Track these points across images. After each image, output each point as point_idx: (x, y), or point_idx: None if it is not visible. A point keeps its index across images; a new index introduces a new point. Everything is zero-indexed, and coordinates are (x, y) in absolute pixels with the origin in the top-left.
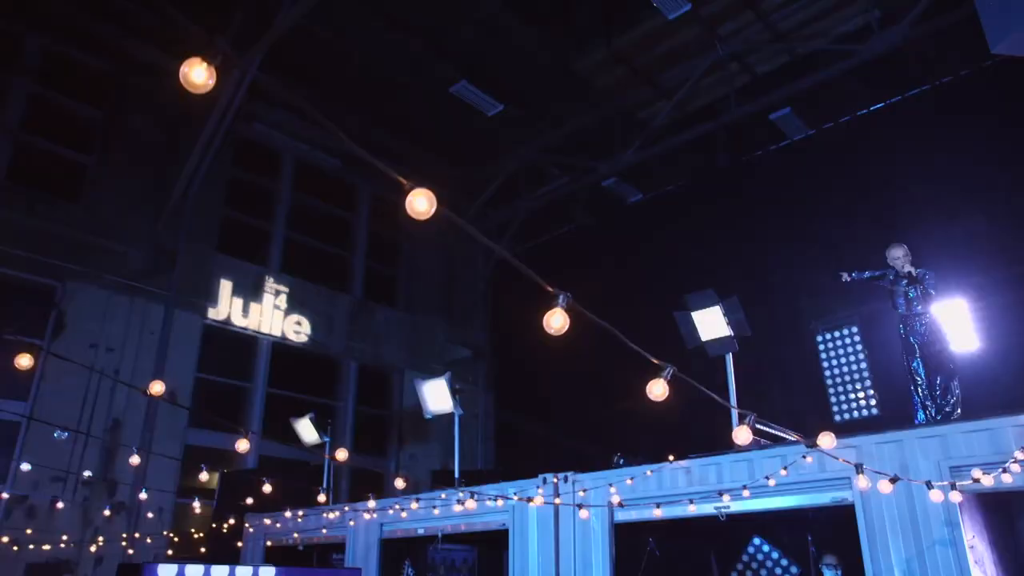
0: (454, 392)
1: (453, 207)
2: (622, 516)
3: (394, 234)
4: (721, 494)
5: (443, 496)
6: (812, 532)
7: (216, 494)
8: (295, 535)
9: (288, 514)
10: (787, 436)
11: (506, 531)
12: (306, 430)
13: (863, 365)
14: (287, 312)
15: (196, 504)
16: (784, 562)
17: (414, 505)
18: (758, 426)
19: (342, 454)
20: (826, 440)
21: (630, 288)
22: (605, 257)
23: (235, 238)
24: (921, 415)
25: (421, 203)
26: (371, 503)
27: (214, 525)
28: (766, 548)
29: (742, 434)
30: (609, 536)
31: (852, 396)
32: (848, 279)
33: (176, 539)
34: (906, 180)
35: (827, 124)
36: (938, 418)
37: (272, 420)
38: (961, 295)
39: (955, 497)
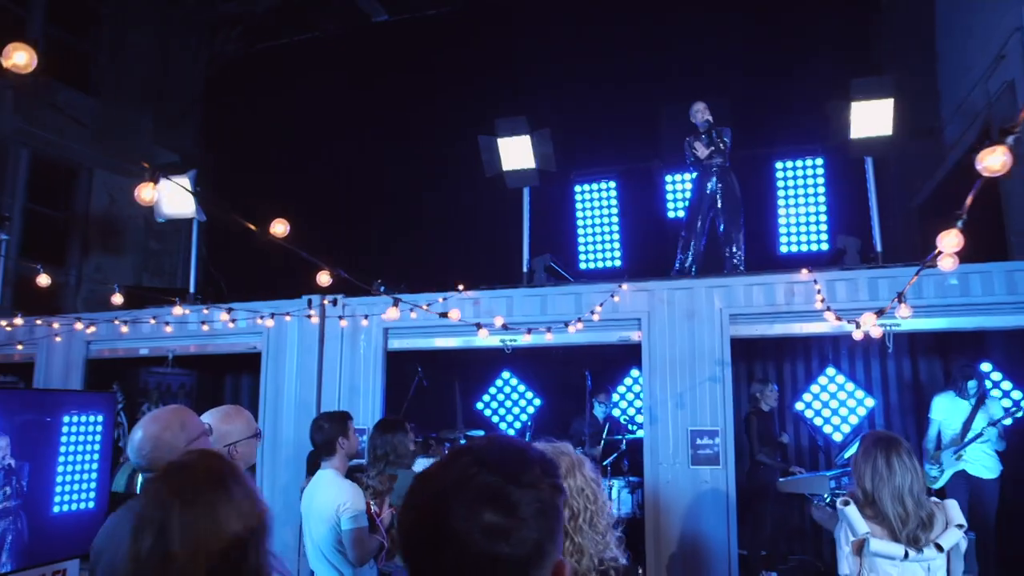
0: (196, 194)
1: None
2: (395, 344)
3: None
4: (562, 326)
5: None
6: (589, 369)
7: None
8: None
9: None
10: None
11: (255, 355)
12: None
13: (615, 219)
14: None
15: None
16: (529, 395)
17: (178, 311)
18: (552, 264)
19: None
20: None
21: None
22: (344, 74)
23: None
24: (677, 266)
25: None
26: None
27: None
28: (514, 381)
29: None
30: (382, 363)
31: (600, 247)
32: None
33: None
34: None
35: None
36: (692, 271)
37: None
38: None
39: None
